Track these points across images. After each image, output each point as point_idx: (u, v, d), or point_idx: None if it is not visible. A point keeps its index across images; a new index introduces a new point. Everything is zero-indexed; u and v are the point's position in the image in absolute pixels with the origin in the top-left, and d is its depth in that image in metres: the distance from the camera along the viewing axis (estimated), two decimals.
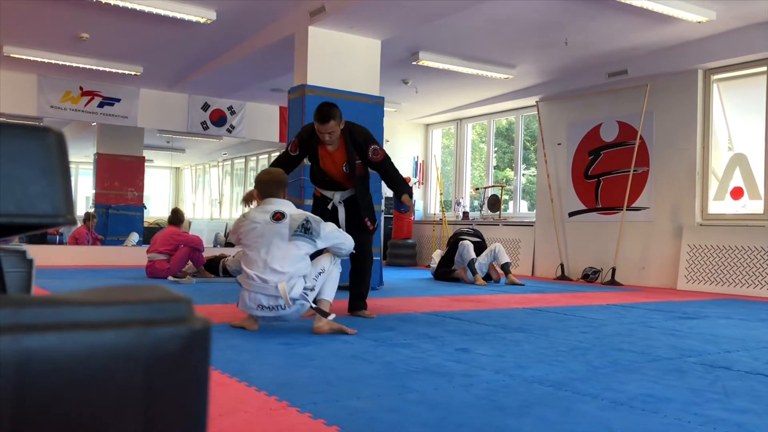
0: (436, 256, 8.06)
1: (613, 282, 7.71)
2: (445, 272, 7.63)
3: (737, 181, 7.14)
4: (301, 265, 3.35)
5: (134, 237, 10.37)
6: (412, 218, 10.65)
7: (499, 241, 8.83)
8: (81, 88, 9.28)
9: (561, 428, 1.84)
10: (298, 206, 6.20)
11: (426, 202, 11.81)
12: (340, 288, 3.70)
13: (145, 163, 11.00)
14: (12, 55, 7.85)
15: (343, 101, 6.42)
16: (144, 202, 10.88)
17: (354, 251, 3.69)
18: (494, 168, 10.76)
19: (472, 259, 7.33)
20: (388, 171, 4.00)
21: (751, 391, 2.36)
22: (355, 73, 6.54)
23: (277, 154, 11.74)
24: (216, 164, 13.13)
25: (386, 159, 3.99)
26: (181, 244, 6.86)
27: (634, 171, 7.84)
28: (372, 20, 6.15)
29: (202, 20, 6.51)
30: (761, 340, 3.64)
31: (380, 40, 6.69)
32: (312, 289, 3.39)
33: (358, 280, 4.08)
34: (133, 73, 8.59)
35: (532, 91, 9.07)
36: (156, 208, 12.03)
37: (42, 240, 9.35)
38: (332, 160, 4.01)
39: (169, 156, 12.19)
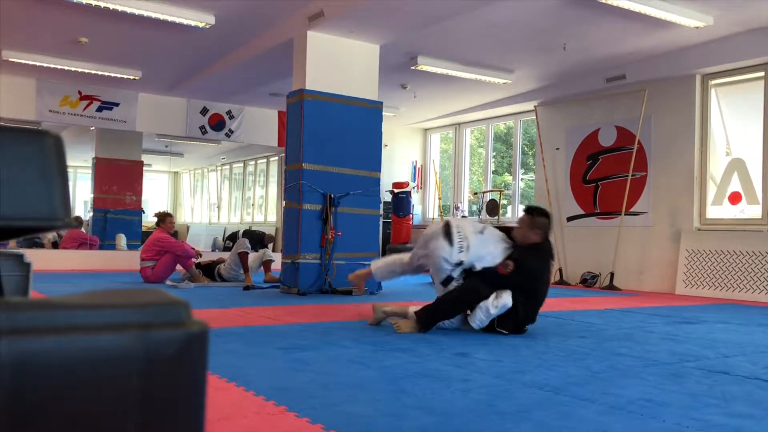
0: None
1: (611, 287, 7.70)
2: None
3: (735, 185, 7.15)
4: None
5: (122, 240, 10.31)
6: (411, 223, 10.65)
7: None
8: (80, 93, 9.28)
9: None
10: (296, 210, 6.24)
11: (424, 206, 11.81)
12: None
13: (144, 168, 11.00)
14: (11, 60, 7.85)
15: (342, 106, 6.45)
16: (142, 206, 10.87)
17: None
18: (493, 173, 10.77)
19: None
20: None
21: (749, 396, 2.35)
22: (353, 77, 6.55)
23: (276, 158, 11.83)
24: (214, 168, 13.12)
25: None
26: (162, 250, 6.81)
27: (632, 176, 7.85)
28: (371, 25, 6.16)
29: (201, 25, 6.52)
30: (759, 345, 3.64)
31: (379, 45, 6.69)
32: None
33: None
34: (131, 77, 8.59)
35: (530, 95, 9.09)
36: (154, 213, 12.01)
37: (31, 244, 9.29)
38: None
39: (168, 160, 12.19)
